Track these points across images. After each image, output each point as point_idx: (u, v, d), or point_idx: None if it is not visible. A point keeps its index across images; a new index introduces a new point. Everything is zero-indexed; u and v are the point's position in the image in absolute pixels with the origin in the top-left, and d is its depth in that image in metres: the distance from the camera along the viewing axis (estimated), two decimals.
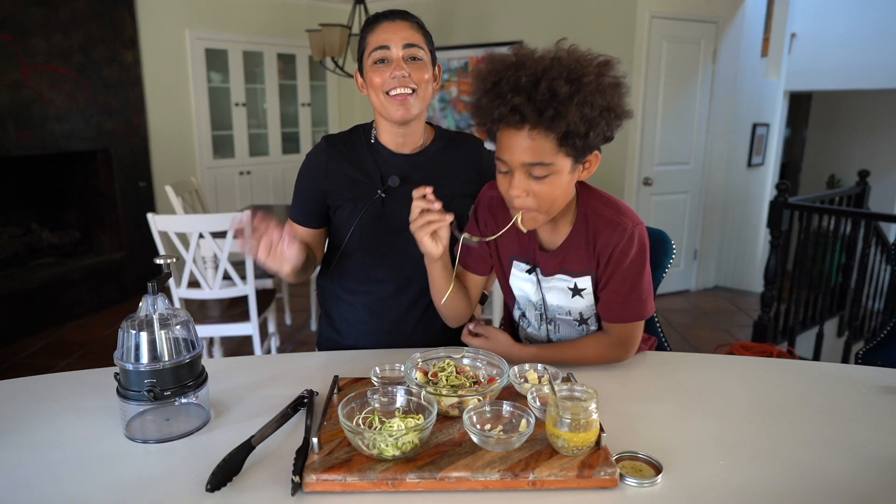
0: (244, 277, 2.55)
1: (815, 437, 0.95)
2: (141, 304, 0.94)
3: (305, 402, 1.01)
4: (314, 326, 3.81)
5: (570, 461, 0.83)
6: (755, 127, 4.99)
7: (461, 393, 0.95)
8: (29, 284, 3.69)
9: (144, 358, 0.91)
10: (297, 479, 0.79)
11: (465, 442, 0.88)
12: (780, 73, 5.21)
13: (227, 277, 2.57)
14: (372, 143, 1.35)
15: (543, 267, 1.20)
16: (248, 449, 0.86)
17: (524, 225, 1.09)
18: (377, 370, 1.07)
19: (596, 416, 0.85)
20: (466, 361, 1.08)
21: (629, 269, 1.13)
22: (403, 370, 1.02)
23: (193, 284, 2.64)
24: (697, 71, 4.41)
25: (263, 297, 2.84)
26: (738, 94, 4.73)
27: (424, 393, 0.92)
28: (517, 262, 1.24)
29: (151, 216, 2.39)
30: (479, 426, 0.89)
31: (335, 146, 1.35)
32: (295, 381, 1.12)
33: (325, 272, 1.44)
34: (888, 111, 6.49)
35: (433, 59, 1.30)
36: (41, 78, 3.63)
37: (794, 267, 3.62)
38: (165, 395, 0.92)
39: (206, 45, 4.70)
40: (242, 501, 0.78)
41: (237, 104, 5.01)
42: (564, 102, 0.95)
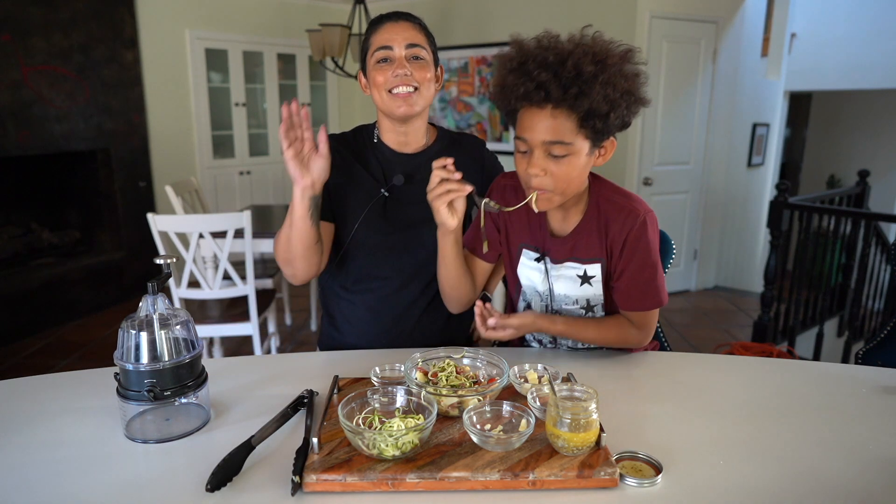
0: (244, 277, 2.55)
1: (814, 437, 0.95)
2: (141, 304, 0.94)
3: (305, 402, 1.01)
4: (314, 326, 3.81)
5: (570, 461, 0.83)
6: (755, 127, 4.99)
7: (461, 393, 0.95)
8: (29, 284, 3.68)
9: (144, 358, 0.91)
10: (297, 479, 0.79)
11: (465, 442, 0.88)
12: (780, 73, 5.21)
13: (227, 277, 2.57)
14: (375, 142, 1.37)
15: (553, 254, 1.21)
16: (248, 449, 0.86)
17: (538, 205, 1.10)
18: (377, 370, 1.07)
19: (596, 416, 0.85)
20: (466, 361, 1.08)
21: (645, 255, 1.15)
22: (403, 370, 1.02)
23: (193, 284, 2.64)
24: (697, 71, 4.41)
25: (263, 297, 2.84)
26: (738, 94, 4.73)
27: (424, 393, 0.92)
28: (526, 250, 1.25)
29: (151, 216, 2.39)
30: (479, 426, 0.89)
31: (340, 144, 1.36)
32: (295, 381, 1.12)
33: (326, 270, 1.44)
34: (888, 111, 6.49)
35: (435, 59, 1.32)
36: (41, 78, 3.63)
37: (794, 267, 3.61)
38: (165, 395, 0.92)
39: (206, 44, 4.70)
40: (242, 501, 0.78)
41: (237, 104, 5.01)
42: (589, 81, 0.99)
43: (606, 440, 0.86)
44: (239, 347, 3.46)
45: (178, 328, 0.94)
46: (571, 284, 1.22)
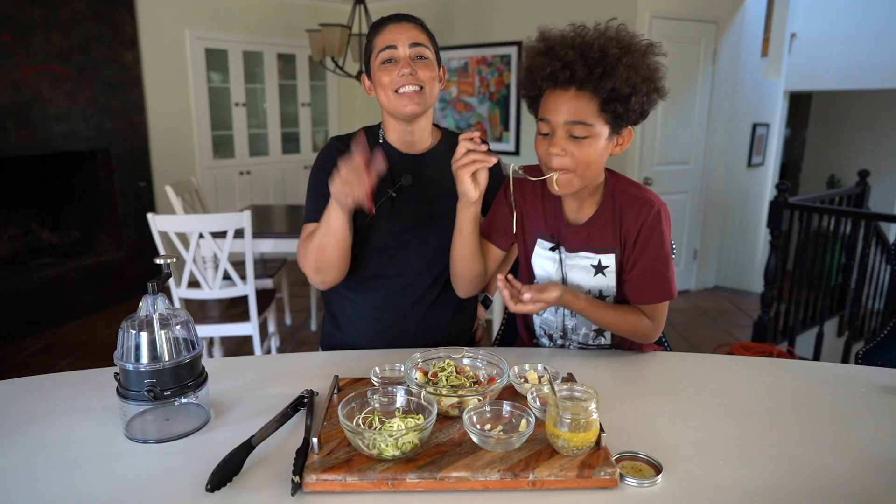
0: (244, 277, 2.55)
1: (814, 437, 0.95)
2: (141, 304, 0.94)
3: (305, 402, 1.01)
4: (314, 326, 3.81)
5: (570, 461, 0.83)
6: (755, 127, 4.99)
7: (461, 393, 0.95)
8: (29, 284, 3.68)
9: (144, 358, 0.91)
10: (297, 479, 0.79)
11: (465, 442, 0.88)
12: (780, 73, 5.21)
13: (227, 277, 2.57)
14: (381, 143, 1.38)
15: (568, 242, 1.23)
16: (248, 449, 0.86)
17: (558, 185, 1.12)
18: (377, 370, 1.07)
19: (596, 416, 0.85)
20: (466, 361, 1.08)
21: (659, 246, 1.17)
22: (403, 370, 1.02)
23: (193, 284, 2.64)
24: (697, 71, 4.41)
25: (263, 297, 2.84)
26: (738, 94, 4.73)
27: (424, 393, 0.92)
28: (541, 239, 1.27)
29: (151, 216, 2.39)
30: (479, 426, 0.89)
31: (346, 145, 1.37)
32: (295, 381, 1.12)
33: None
34: (888, 111, 6.49)
35: (438, 59, 1.34)
36: (41, 78, 3.63)
37: (794, 267, 3.61)
38: (165, 395, 0.92)
39: (206, 44, 4.70)
40: (242, 501, 0.78)
41: (237, 104, 5.01)
42: (613, 63, 1.06)
43: (606, 440, 0.86)
44: (239, 347, 3.46)
45: (178, 328, 0.94)
46: (585, 274, 1.24)
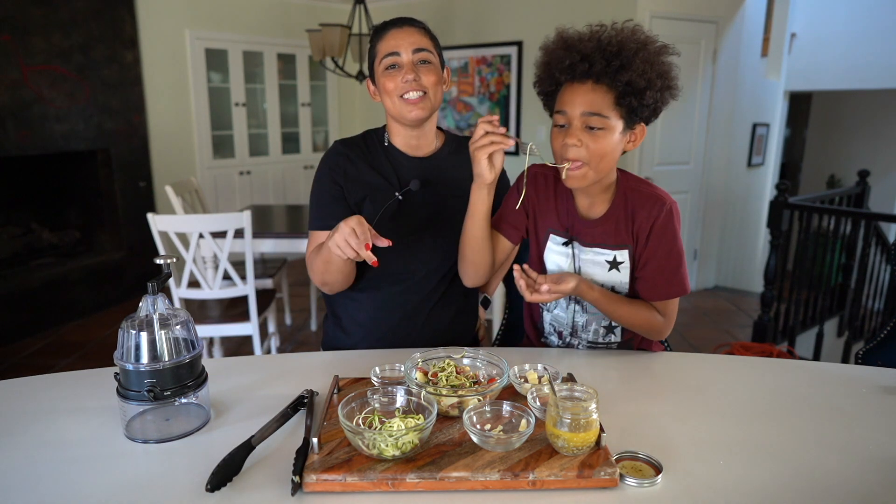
0: (244, 277, 2.55)
1: (814, 436, 0.95)
2: (141, 304, 0.94)
3: (305, 402, 1.01)
4: (314, 326, 3.80)
5: (570, 461, 0.83)
6: (755, 127, 4.99)
7: (461, 393, 0.95)
8: (29, 284, 3.68)
9: (144, 358, 0.91)
10: (297, 479, 0.79)
11: (465, 442, 0.88)
12: (780, 73, 5.21)
13: (227, 277, 2.57)
14: (386, 145, 1.38)
15: (582, 236, 1.24)
16: (248, 449, 0.86)
17: (572, 178, 1.14)
18: (377, 370, 1.07)
19: (596, 416, 0.85)
20: (466, 361, 1.08)
21: (671, 242, 1.19)
22: (403, 370, 1.02)
23: (193, 284, 2.64)
24: (697, 71, 4.41)
25: (263, 297, 2.84)
26: (738, 94, 4.73)
27: (424, 393, 0.92)
28: (554, 235, 1.28)
29: (151, 216, 2.39)
30: (479, 426, 0.89)
31: (351, 149, 1.37)
32: (295, 381, 1.12)
33: None
34: (888, 111, 6.49)
35: (442, 62, 1.35)
36: (41, 78, 3.63)
37: (794, 267, 3.62)
38: (165, 395, 0.92)
39: (206, 45, 4.70)
40: (242, 501, 0.78)
41: (237, 104, 5.01)
42: (630, 57, 1.09)
43: (606, 440, 0.86)
44: (239, 347, 3.46)
45: (178, 328, 0.94)
46: (600, 270, 1.25)
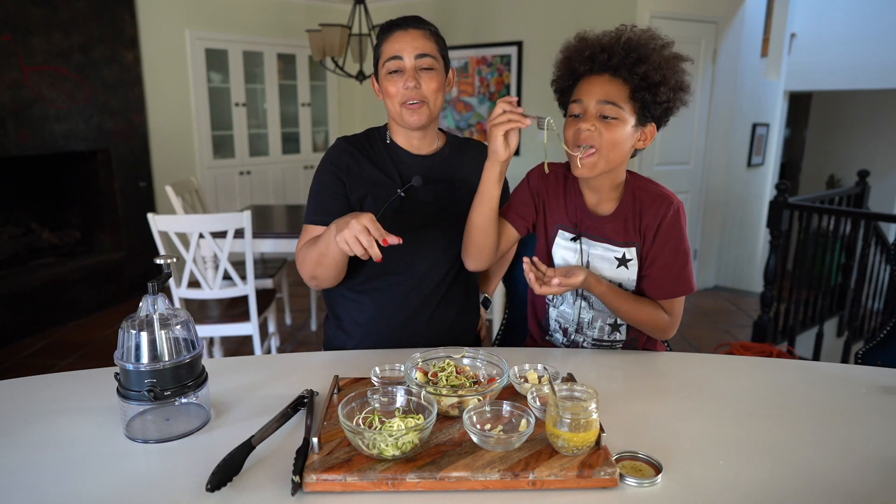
0: (244, 277, 2.55)
1: (814, 436, 0.95)
2: (141, 304, 0.94)
3: (305, 402, 1.01)
4: (314, 326, 3.80)
5: (570, 461, 0.83)
6: (755, 127, 4.99)
7: (461, 393, 0.95)
8: (29, 284, 3.68)
9: (144, 358, 0.91)
10: (297, 479, 0.79)
11: (465, 442, 0.88)
12: (780, 73, 5.21)
13: (227, 277, 2.57)
14: (388, 143, 1.39)
15: (591, 231, 1.26)
16: (248, 449, 0.86)
17: (582, 165, 1.16)
18: (377, 370, 1.07)
19: (596, 416, 0.85)
20: (466, 361, 1.08)
21: (678, 242, 1.21)
22: (403, 370, 1.02)
23: (193, 284, 2.64)
24: (697, 71, 4.41)
25: (263, 297, 2.84)
26: (738, 94, 4.73)
27: (424, 393, 0.92)
28: (562, 230, 1.29)
29: (151, 216, 2.39)
30: (479, 426, 0.89)
31: (354, 146, 1.37)
32: (295, 381, 1.12)
33: None
34: (888, 111, 6.49)
35: (446, 64, 1.34)
36: (41, 78, 3.63)
37: (794, 267, 3.62)
38: (165, 395, 0.92)
39: (206, 45, 4.70)
40: (242, 501, 0.78)
41: (237, 104, 5.01)
42: (647, 52, 1.14)
43: (606, 440, 0.86)
44: (239, 347, 3.46)
45: (178, 328, 0.94)
46: (608, 266, 1.26)
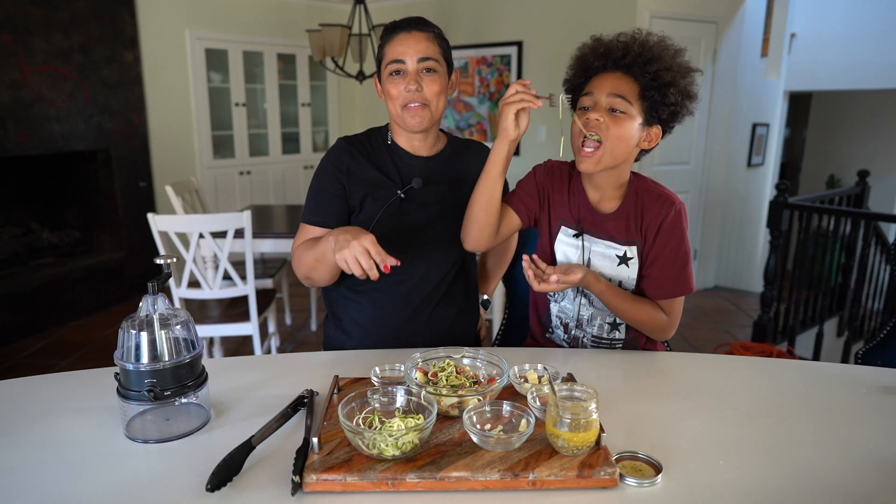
0: (244, 277, 2.55)
1: (814, 436, 0.95)
2: (141, 304, 0.94)
3: (305, 402, 1.01)
4: (314, 326, 3.80)
5: (570, 461, 0.83)
6: (755, 127, 4.99)
7: (461, 393, 0.95)
8: (29, 284, 3.68)
9: (144, 358, 0.91)
10: (297, 478, 0.79)
11: (465, 442, 0.88)
12: (779, 73, 5.21)
13: (227, 277, 2.57)
14: (389, 143, 1.39)
15: (593, 227, 1.27)
16: (248, 449, 0.86)
17: (587, 159, 1.17)
18: (377, 370, 1.07)
19: (596, 416, 0.85)
20: (466, 361, 1.08)
21: (679, 242, 1.22)
22: (403, 370, 1.02)
23: (193, 284, 2.64)
24: None
25: (263, 297, 2.84)
26: (738, 94, 4.73)
27: (424, 393, 0.92)
28: (565, 227, 1.30)
29: (151, 216, 2.39)
30: (479, 426, 0.89)
31: (355, 146, 1.36)
32: (295, 381, 1.12)
33: None
34: (888, 111, 6.49)
35: (449, 66, 1.34)
36: (41, 78, 3.63)
37: (794, 267, 3.62)
38: (165, 395, 0.92)
39: (206, 45, 4.70)
40: (242, 501, 0.78)
41: (237, 104, 5.01)
42: (660, 52, 1.17)
43: (606, 440, 0.86)
44: (239, 347, 3.46)
45: (178, 328, 0.94)
46: (609, 264, 1.27)
